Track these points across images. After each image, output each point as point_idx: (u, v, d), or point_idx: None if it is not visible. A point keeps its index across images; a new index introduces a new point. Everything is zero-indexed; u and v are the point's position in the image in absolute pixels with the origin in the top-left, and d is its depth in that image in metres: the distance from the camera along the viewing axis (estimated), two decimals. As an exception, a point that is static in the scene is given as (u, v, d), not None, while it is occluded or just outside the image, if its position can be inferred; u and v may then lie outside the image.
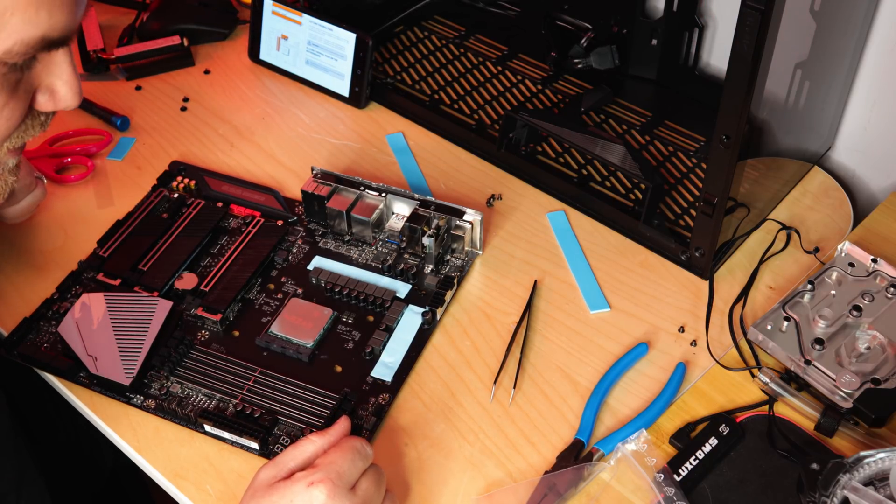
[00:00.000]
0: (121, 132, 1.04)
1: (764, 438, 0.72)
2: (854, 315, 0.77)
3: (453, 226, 0.86)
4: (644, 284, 0.85)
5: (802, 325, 0.76)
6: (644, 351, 0.79)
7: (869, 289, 0.79)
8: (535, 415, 0.75)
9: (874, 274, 0.80)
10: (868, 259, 0.80)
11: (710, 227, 0.80)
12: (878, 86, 0.92)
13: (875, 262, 0.80)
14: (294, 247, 0.89)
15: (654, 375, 0.78)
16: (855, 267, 0.81)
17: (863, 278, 0.80)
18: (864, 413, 0.71)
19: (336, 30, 1.04)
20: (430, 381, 0.78)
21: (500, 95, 1.05)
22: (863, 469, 0.64)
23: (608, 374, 0.77)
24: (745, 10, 0.66)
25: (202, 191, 0.94)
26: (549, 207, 0.93)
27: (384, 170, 0.98)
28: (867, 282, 0.79)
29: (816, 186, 0.94)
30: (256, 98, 1.08)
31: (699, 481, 0.70)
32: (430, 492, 0.71)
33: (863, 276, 0.80)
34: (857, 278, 0.80)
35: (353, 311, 0.83)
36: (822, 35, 0.81)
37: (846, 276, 0.80)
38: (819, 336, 0.75)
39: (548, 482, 0.70)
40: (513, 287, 0.85)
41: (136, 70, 1.11)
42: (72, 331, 0.80)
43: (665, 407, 0.75)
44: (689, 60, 1.01)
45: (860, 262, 0.81)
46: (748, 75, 0.69)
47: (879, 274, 0.80)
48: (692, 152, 0.97)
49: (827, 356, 0.74)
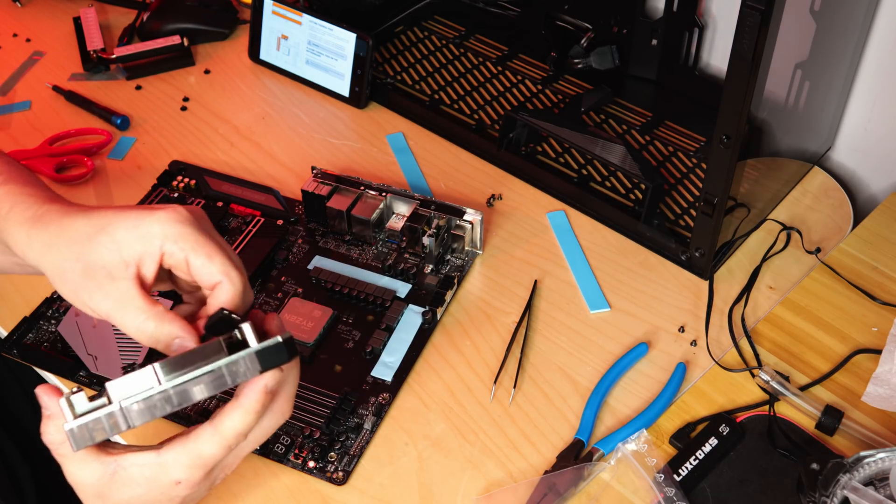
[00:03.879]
0: (121, 132, 1.04)
1: (764, 438, 0.72)
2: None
3: (453, 225, 0.86)
4: (644, 284, 0.85)
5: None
6: (644, 351, 0.79)
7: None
8: (535, 414, 0.75)
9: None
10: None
11: (710, 227, 0.80)
12: (878, 86, 0.92)
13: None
14: (294, 246, 0.89)
15: (654, 375, 0.78)
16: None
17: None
18: None
19: (336, 30, 1.04)
20: (430, 381, 0.78)
21: (500, 95, 1.05)
22: (863, 469, 0.64)
23: (608, 373, 0.77)
24: (745, 10, 0.66)
25: (202, 190, 0.94)
26: (549, 207, 0.93)
27: (384, 170, 0.98)
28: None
29: (816, 186, 0.94)
30: (256, 98, 1.08)
31: (699, 481, 0.70)
32: (430, 492, 0.71)
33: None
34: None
35: (353, 311, 0.83)
36: (822, 35, 0.81)
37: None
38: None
39: (548, 482, 0.70)
40: (513, 287, 0.85)
41: (137, 70, 1.11)
42: (72, 330, 0.80)
43: (665, 407, 0.75)
44: (689, 60, 1.00)
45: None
46: (748, 75, 0.68)
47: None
48: (692, 152, 0.97)
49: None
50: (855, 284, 0.84)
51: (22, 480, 0.91)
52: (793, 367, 0.78)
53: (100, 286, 0.56)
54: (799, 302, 0.83)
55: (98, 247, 0.56)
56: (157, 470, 0.56)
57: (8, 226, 0.59)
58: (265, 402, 0.56)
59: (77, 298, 0.57)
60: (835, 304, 0.82)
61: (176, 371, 0.54)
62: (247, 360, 0.55)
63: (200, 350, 0.55)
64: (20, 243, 0.58)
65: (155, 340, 0.56)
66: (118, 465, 0.56)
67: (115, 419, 0.53)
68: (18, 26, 1.21)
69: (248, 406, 0.55)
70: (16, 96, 1.10)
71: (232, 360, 0.54)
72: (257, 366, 0.55)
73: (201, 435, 0.56)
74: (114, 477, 0.56)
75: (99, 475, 0.56)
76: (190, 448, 0.56)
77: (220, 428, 0.56)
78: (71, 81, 1.11)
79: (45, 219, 0.58)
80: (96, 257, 0.56)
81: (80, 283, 0.56)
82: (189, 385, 0.54)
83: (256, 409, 0.56)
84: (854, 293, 0.83)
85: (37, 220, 0.58)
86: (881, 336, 0.79)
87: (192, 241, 0.56)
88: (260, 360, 0.55)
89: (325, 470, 0.72)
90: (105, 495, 0.56)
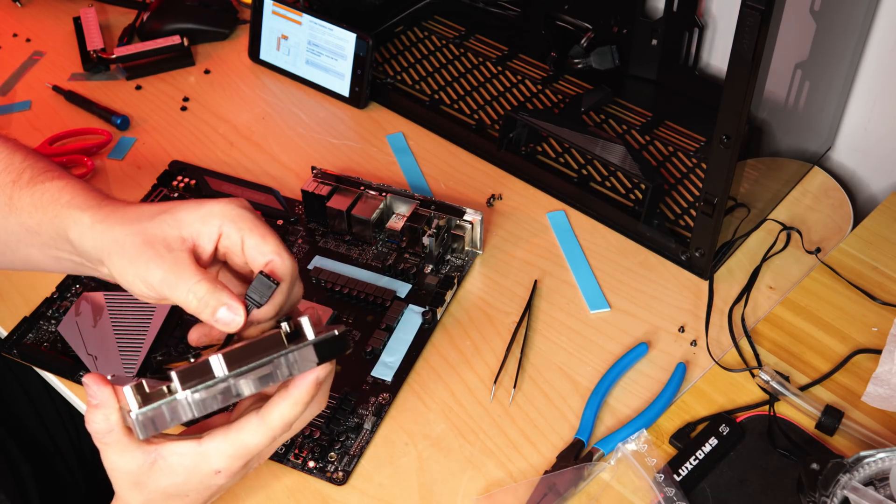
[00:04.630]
0: (121, 131, 1.04)
1: (764, 438, 0.72)
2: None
3: (453, 225, 0.86)
4: (644, 284, 0.85)
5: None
6: (644, 351, 0.79)
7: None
8: (535, 414, 0.75)
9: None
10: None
11: (710, 227, 0.80)
12: (878, 86, 0.92)
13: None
14: (294, 246, 0.89)
15: (654, 375, 0.78)
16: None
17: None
18: None
19: (336, 30, 1.04)
20: (430, 381, 0.78)
21: (500, 95, 1.05)
22: (863, 469, 0.64)
23: (608, 373, 0.77)
24: (745, 10, 0.66)
25: (202, 190, 0.94)
26: (549, 207, 0.93)
27: (384, 170, 0.98)
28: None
29: (816, 186, 0.94)
30: (256, 98, 1.08)
31: (699, 481, 0.70)
32: (430, 492, 0.71)
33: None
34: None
35: (353, 311, 0.83)
36: (822, 35, 0.81)
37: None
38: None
39: (548, 482, 0.70)
40: (513, 287, 0.85)
41: (137, 70, 1.11)
42: (72, 330, 0.80)
43: (665, 407, 0.75)
44: (689, 60, 1.00)
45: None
46: (748, 75, 0.68)
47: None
48: (692, 152, 0.97)
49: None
50: (855, 284, 0.84)
51: (24, 479, 0.92)
52: (793, 367, 0.78)
53: (157, 254, 0.58)
54: (799, 302, 0.83)
55: (160, 223, 0.59)
56: (198, 459, 0.57)
57: (70, 211, 0.62)
58: (314, 394, 0.58)
59: (129, 270, 0.58)
60: (835, 304, 0.82)
61: (238, 362, 0.55)
62: (306, 352, 0.56)
63: (258, 342, 0.56)
64: (81, 226, 0.61)
65: (204, 305, 0.57)
66: (158, 455, 0.57)
67: (178, 408, 0.55)
68: (18, 26, 1.21)
69: (298, 397, 0.57)
70: (16, 96, 1.10)
71: (291, 350, 0.56)
72: (315, 358, 0.57)
73: (247, 425, 0.57)
74: (153, 466, 0.57)
75: (139, 464, 0.57)
76: (233, 438, 0.57)
77: (268, 419, 0.57)
78: (71, 81, 1.11)
79: (108, 206, 0.62)
80: (157, 231, 0.59)
81: (137, 253, 0.58)
82: (250, 375, 0.55)
83: (306, 400, 0.58)
84: (854, 293, 0.83)
85: (100, 207, 0.62)
86: (881, 336, 0.79)
87: (249, 223, 0.60)
88: (317, 353, 0.57)
89: (325, 470, 0.72)
90: (142, 483, 0.58)
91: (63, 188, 0.63)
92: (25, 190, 0.64)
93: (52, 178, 0.64)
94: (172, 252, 0.58)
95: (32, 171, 0.65)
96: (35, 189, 0.64)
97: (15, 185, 0.65)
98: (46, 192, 0.63)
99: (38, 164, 0.66)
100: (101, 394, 0.56)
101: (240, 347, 0.56)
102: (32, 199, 0.64)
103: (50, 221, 0.63)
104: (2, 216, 0.65)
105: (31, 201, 0.64)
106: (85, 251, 0.61)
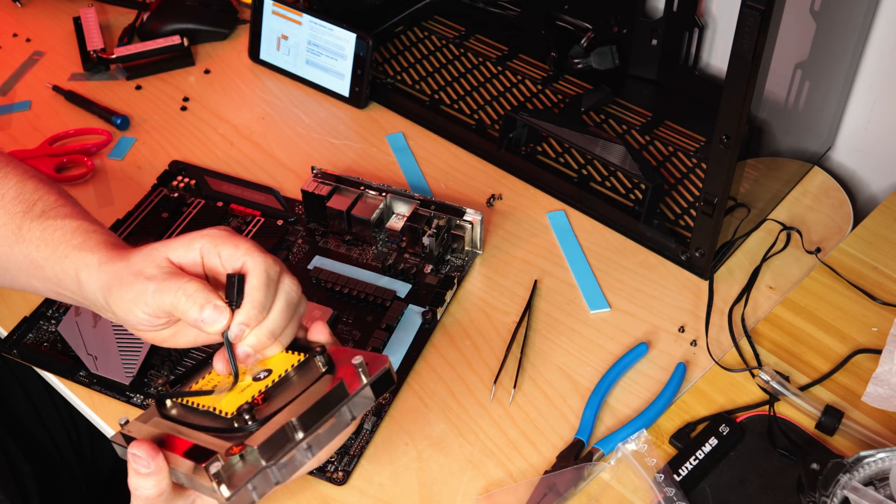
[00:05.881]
0: (121, 131, 1.04)
1: (764, 438, 0.72)
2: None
3: (453, 225, 0.86)
4: (644, 284, 0.85)
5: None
6: (644, 351, 0.79)
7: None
8: (535, 414, 0.76)
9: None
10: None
11: (710, 227, 0.80)
12: (878, 86, 0.92)
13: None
14: (294, 246, 0.89)
15: (654, 375, 0.78)
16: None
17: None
18: None
19: (336, 30, 1.04)
20: (430, 381, 0.78)
21: (500, 95, 1.05)
22: (863, 469, 0.64)
23: (608, 373, 0.77)
24: (745, 10, 0.66)
25: (202, 190, 0.94)
26: (549, 207, 0.93)
27: (384, 170, 0.98)
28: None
29: (816, 186, 0.94)
30: (256, 98, 1.08)
31: (699, 481, 0.70)
32: (430, 492, 0.71)
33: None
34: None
35: (353, 311, 0.83)
36: (822, 35, 0.81)
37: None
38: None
39: (548, 482, 0.70)
40: (513, 287, 0.85)
41: (136, 70, 1.11)
42: (72, 330, 0.80)
43: (665, 407, 0.75)
44: (689, 60, 1.00)
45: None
46: (748, 75, 0.69)
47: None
48: (692, 152, 0.97)
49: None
50: (855, 284, 0.84)
51: (24, 479, 0.92)
52: (793, 367, 0.78)
53: (150, 275, 0.61)
54: (799, 302, 0.83)
55: (152, 252, 0.63)
56: None
57: (82, 254, 0.64)
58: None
59: (125, 297, 0.61)
60: (835, 304, 0.82)
61: (312, 421, 0.56)
62: (365, 395, 0.59)
63: (325, 398, 0.57)
64: (90, 268, 0.64)
65: (193, 301, 0.59)
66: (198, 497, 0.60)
67: (264, 481, 0.55)
68: (18, 26, 1.21)
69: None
70: (16, 96, 1.10)
71: (353, 396, 0.58)
72: (372, 396, 0.59)
73: None
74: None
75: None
76: None
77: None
78: (71, 81, 1.11)
79: (115, 249, 0.65)
80: (149, 259, 0.62)
81: (133, 280, 0.62)
82: (321, 429, 0.57)
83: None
84: (854, 293, 0.83)
85: (108, 250, 0.65)
86: (881, 336, 0.79)
87: (223, 238, 0.63)
88: (374, 391, 0.59)
89: (325, 470, 0.72)
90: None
91: (76, 230, 0.65)
92: (36, 223, 0.66)
93: (65, 215, 0.66)
94: (163, 269, 0.61)
95: (45, 204, 0.67)
96: (47, 224, 0.65)
97: (25, 216, 0.66)
98: (58, 229, 0.65)
99: (49, 196, 0.68)
100: (154, 463, 0.57)
101: (311, 407, 0.56)
102: (43, 235, 0.65)
103: (59, 260, 0.64)
104: (7, 245, 0.66)
105: (41, 235, 0.65)
106: (91, 292, 0.63)
